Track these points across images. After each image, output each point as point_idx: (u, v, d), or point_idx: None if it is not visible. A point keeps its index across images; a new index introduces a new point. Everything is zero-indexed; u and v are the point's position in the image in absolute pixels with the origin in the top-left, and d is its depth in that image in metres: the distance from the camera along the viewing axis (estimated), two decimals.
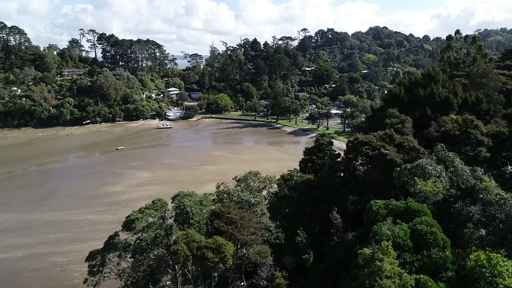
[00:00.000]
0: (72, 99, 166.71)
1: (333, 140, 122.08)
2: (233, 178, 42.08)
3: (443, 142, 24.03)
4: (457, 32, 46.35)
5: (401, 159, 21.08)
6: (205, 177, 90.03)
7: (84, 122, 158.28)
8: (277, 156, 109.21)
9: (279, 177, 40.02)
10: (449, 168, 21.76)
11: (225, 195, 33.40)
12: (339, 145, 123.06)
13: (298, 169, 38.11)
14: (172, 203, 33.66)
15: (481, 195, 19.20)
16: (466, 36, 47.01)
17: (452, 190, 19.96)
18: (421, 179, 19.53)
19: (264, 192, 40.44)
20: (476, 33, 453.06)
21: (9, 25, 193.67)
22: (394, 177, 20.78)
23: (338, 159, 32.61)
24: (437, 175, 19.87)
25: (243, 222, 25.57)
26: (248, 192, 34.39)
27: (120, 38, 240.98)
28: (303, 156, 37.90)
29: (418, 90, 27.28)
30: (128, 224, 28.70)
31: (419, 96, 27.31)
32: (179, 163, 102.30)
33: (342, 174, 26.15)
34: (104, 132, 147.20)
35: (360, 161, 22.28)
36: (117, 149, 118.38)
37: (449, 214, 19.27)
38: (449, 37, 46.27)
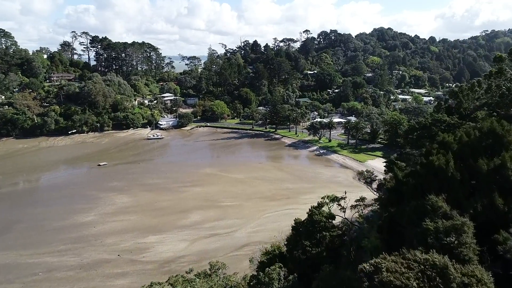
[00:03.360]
0: (58, 107, 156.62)
1: (335, 157, 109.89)
2: (186, 272, 30.96)
3: None
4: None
5: None
6: (191, 203, 79.57)
7: (69, 132, 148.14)
8: (273, 175, 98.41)
9: (255, 268, 29.21)
10: None
11: None
12: (342, 161, 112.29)
13: (286, 240, 27.59)
14: None
15: None
16: None
17: None
18: None
19: None
20: (483, 34, 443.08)
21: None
22: None
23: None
24: None
25: None
26: None
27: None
28: (292, 231, 27.51)
29: (479, 161, 16.70)
30: None
31: (480, 172, 16.69)
32: (164, 184, 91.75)
33: None
34: (90, 144, 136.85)
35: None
36: (99, 165, 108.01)
37: None
38: (498, 59, 35.28)
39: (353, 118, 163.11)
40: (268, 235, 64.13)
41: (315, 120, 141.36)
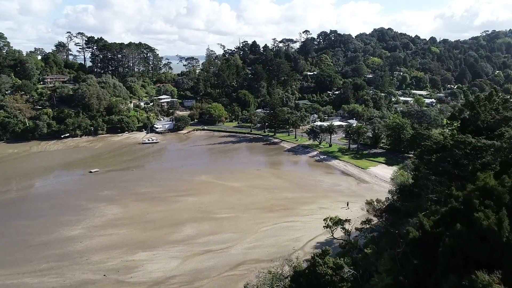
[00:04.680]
0: (50, 110, 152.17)
1: (335, 163, 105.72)
2: None
3: None
4: None
5: None
6: (184, 214, 75.38)
7: (62, 136, 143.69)
8: (272, 183, 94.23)
9: None
10: None
11: None
12: (344, 167, 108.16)
13: None
14: None
15: None
16: None
17: None
18: None
19: None
20: (484, 34, 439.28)
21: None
22: None
23: None
24: None
25: None
26: None
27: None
28: (290, 283, 23.35)
29: None
30: None
31: None
32: (157, 193, 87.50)
33: None
34: (82, 148, 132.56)
35: None
36: (90, 172, 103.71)
37: None
38: None
39: (353, 121, 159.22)
40: (265, 252, 60.18)
41: (315, 124, 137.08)
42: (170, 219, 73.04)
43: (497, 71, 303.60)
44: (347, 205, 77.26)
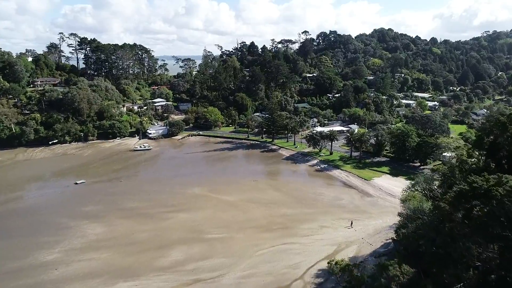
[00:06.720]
0: (39, 114, 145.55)
1: (337, 173, 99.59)
2: None
3: None
4: None
5: None
6: (173, 234, 69.11)
7: (50, 142, 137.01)
8: (269, 196, 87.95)
9: None
10: None
11: None
12: (346, 178, 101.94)
13: None
14: None
15: None
16: None
17: None
18: None
19: None
20: (485, 34, 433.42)
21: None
22: None
23: None
24: None
25: None
26: None
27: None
28: None
29: None
30: None
31: None
32: (145, 208, 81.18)
33: None
34: (70, 156, 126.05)
35: None
36: (76, 183, 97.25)
37: None
38: None
39: (355, 126, 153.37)
40: (261, 283, 53.94)
41: (315, 131, 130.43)
42: (157, 240, 66.72)
43: (500, 73, 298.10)
44: (351, 224, 71.01)
